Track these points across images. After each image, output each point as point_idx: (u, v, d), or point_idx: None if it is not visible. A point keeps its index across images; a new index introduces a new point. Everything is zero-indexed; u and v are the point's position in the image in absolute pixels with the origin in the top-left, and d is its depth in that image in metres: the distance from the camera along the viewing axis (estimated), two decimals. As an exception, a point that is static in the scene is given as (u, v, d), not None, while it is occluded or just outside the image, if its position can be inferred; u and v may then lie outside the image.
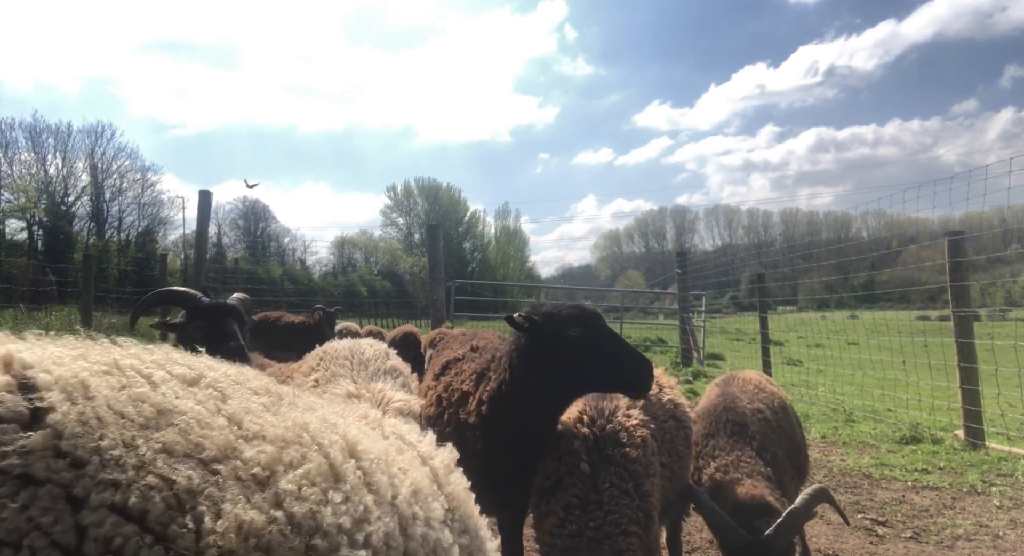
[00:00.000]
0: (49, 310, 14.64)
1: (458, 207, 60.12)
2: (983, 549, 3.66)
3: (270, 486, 0.84)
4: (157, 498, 0.75)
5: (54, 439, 0.74)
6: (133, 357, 0.94)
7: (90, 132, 37.94)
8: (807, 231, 76.12)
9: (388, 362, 3.00)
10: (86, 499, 0.72)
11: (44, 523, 0.69)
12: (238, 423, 0.89)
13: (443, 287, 11.17)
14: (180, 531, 0.74)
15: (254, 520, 0.79)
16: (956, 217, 19.51)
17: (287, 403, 1.05)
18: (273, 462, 0.86)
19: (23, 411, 0.75)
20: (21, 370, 0.80)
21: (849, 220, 74.10)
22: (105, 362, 0.89)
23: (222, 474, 0.81)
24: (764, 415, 3.08)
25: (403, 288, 41.13)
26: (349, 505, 0.89)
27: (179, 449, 0.80)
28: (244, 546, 0.77)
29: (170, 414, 0.83)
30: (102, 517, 0.72)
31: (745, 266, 33.29)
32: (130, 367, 0.90)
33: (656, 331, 19.30)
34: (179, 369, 0.96)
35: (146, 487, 0.75)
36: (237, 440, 0.86)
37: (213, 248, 39.40)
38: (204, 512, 0.77)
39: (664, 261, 72.39)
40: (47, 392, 0.78)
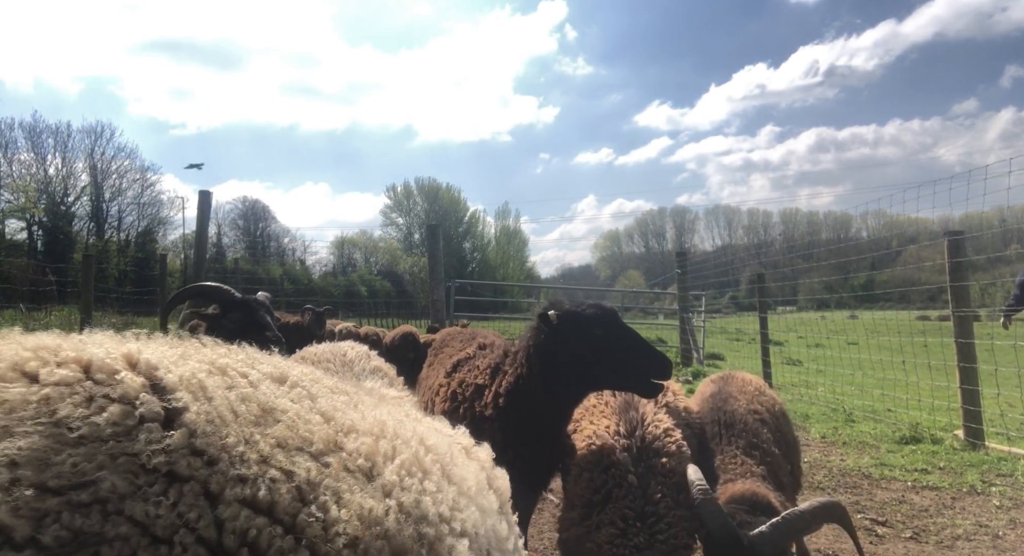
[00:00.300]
0: (49, 310, 14.65)
1: (458, 207, 60.14)
2: (983, 549, 3.66)
3: (375, 477, 0.87)
4: (283, 490, 0.78)
5: (190, 438, 0.77)
6: (226, 356, 0.98)
7: (90, 132, 38.04)
8: (807, 231, 76.12)
9: (371, 362, 3.01)
10: (221, 494, 0.75)
11: (191, 519, 0.72)
12: (331, 419, 0.93)
13: (443, 287, 11.17)
14: (308, 521, 0.77)
15: (374, 509, 0.82)
16: (956, 217, 19.46)
17: (359, 401, 1.09)
18: (372, 453, 0.90)
19: (160, 411, 0.78)
20: (149, 370, 0.83)
21: (849, 220, 74.20)
22: (207, 361, 0.93)
23: (333, 466, 0.84)
24: (762, 417, 3.02)
25: (403, 288, 41.14)
26: (441, 495, 0.93)
27: (291, 443, 0.84)
28: (369, 534, 0.80)
29: (274, 412, 0.87)
30: (236, 511, 0.74)
31: (745, 266, 33.29)
32: (228, 366, 0.94)
33: (656, 331, 19.30)
34: (266, 368, 1.00)
35: (271, 480, 0.78)
36: (337, 434, 0.90)
37: (213, 248, 39.41)
38: (327, 502, 0.80)
39: (664, 261, 72.41)
40: (178, 392, 0.81)
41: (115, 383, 0.78)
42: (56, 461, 0.68)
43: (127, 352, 0.84)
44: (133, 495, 0.70)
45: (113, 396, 0.76)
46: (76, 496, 0.67)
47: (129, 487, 0.70)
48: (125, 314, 16.12)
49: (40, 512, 0.65)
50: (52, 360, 0.78)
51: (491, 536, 1.01)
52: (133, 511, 0.69)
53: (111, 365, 0.80)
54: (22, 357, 0.78)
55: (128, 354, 0.84)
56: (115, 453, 0.71)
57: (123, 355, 0.83)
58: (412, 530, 0.85)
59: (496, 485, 1.15)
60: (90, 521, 0.66)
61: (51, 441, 0.69)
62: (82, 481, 0.68)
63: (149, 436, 0.74)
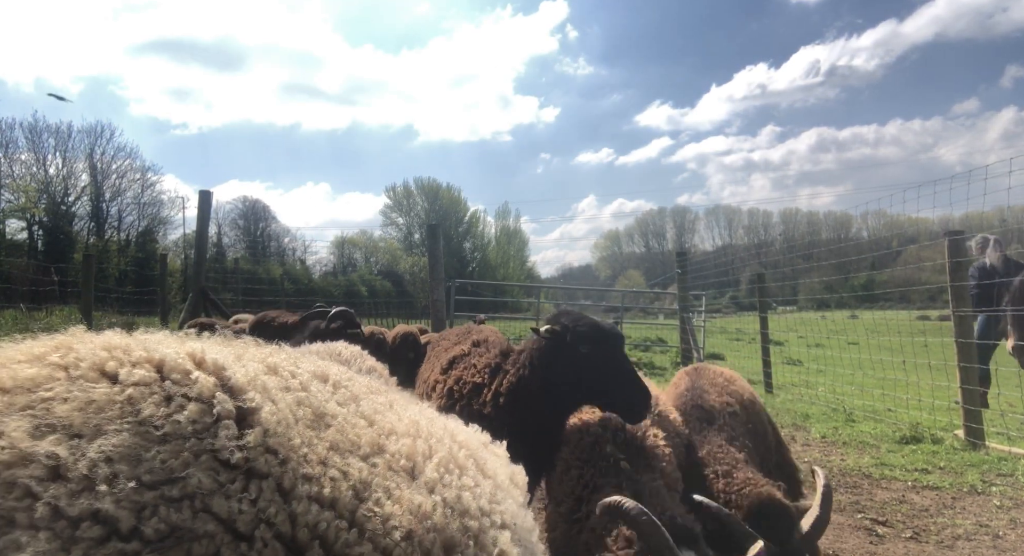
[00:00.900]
0: (49, 310, 14.64)
1: (458, 207, 60.12)
2: (983, 549, 3.67)
3: (418, 475, 0.92)
4: (343, 487, 0.82)
5: (265, 436, 0.80)
6: (273, 355, 1.02)
7: (90, 132, 37.99)
8: (807, 231, 76.09)
9: (366, 362, 3.05)
10: (293, 490, 0.78)
11: (270, 514, 0.75)
12: (374, 422, 0.97)
13: (443, 287, 11.17)
14: (368, 515, 0.81)
15: (423, 504, 0.86)
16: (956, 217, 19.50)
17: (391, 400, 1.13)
18: (412, 453, 0.94)
19: (233, 410, 0.81)
20: (218, 370, 0.86)
21: (849, 220, 74.17)
22: (260, 360, 0.97)
23: (380, 466, 0.89)
24: (735, 408, 3.07)
25: (403, 288, 41.11)
26: (479, 489, 0.97)
27: (343, 446, 0.88)
28: (422, 527, 0.84)
29: (325, 417, 0.91)
30: (307, 506, 0.78)
31: (745, 266, 33.29)
32: (279, 366, 0.98)
33: (656, 331, 19.31)
34: (309, 366, 1.04)
35: (331, 479, 0.82)
36: (379, 437, 0.94)
37: (213, 248, 39.38)
38: (381, 498, 0.84)
39: (664, 261, 72.40)
40: (249, 393, 0.84)
41: (190, 383, 0.81)
42: (147, 457, 0.70)
43: (192, 351, 0.87)
44: (217, 491, 0.73)
45: (191, 395, 0.79)
46: (168, 491, 0.69)
47: (213, 483, 0.73)
48: (125, 314, 16.13)
49: (139, 505, 0.67)
50: (127, 360, 0.81)
51: (524, 528, 1.05)
52: (219, 508, 0.72)
53: (183, 365, 0.83)
54: (100, 357, 0.80)
55: (192, 353, 0.87)
56: (198, 450, 0.74)
57: (189, 354, 0.86)
58: (458, 523, 0.88)
59: (517, 479, 1.19)
60: (183, 516, 0.69)
61: (139, 439, 0.71)
62: (172, 477, 0.70)
63: (228, 433, 0.77)
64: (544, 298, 35.77)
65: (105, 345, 0.83)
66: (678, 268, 12.96)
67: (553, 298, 50.56)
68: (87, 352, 0.80)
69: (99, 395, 0.74)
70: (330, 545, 0.77)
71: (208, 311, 12.52)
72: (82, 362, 0.78)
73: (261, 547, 0.73)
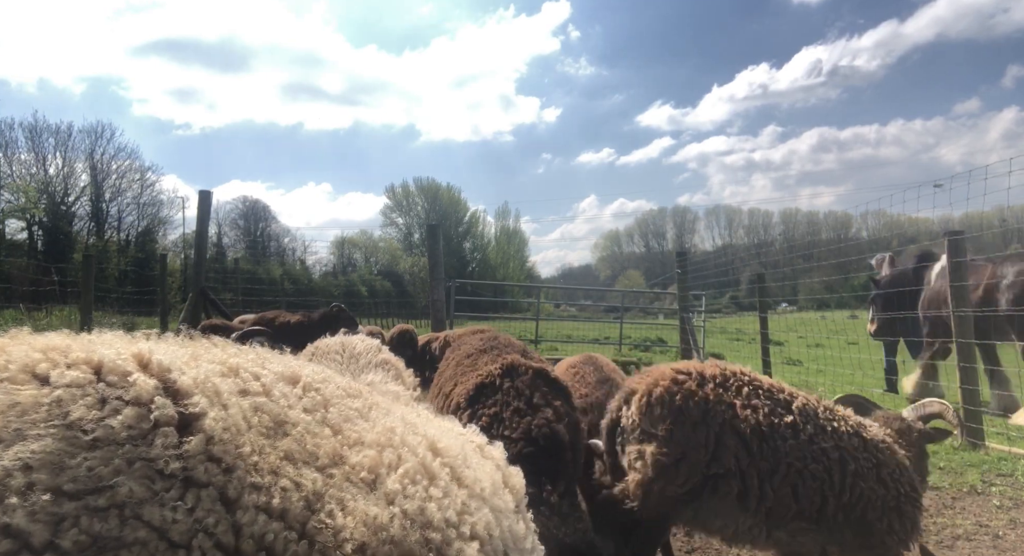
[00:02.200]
0: (49, 310, 14.66)
1: (458, 207, 60.16)
2: (983, 549, 3.66)
3: (378, 487, 0.90)
4: (294, 498, 0.80)
5: (208, 444, 0.78)
6: (237, 356, 0.99)
7: (90, 132, 38.02)
8: (807, 231, 76.09)
9: (379, 355, 3.01)
10: (238, 500, 0.76)
11: (209, 524, 0.73)
12: (340, 431, 0.95)
13: (443, 287, 11.18)
14: (319, 527, 0.80)
15: (379, 515, 0.85)
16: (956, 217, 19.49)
17: (370, 404, 1.11)
18: (376, 465, 0.93)
19: (174, 415, 0.78)
20: (162, 372, 0.83)
21: (849, 220, 74.15)
22: (219, 361, 0.93)
23: (336, 477, 0.87)
24: None
25: (403, 288, 41.12)
26: (448, 500, 0.95)
27: (298, 457, 0.86)
28: (376, 539, 0.82)
29: (284, 425, 0.89)
30: (254, 516, 0.76)
31: (745, 266, 33.29)
32: (240, 367, 0.94)
33: (656, 331, 19.31)
34: (278, 368, 1.02)
35: (282, 489, 0.80)
36: (342, 448, 0.92)
37: (213, 248, 39.40)
38: (334, 510, 0.82)
39: (664, 261, 72.41)
40: (194, 397, 0.81)
41: (127, 385, 0.77)
42: (71, 465, 0.67)
43: (137, 352, 0.83)
44: (150, 500, 0.70)
45: (126, 398, 0.76)
46: (93, 501, 0.66)
47: (146, 492, 0.70)
48: (125, 314, 16.15)
49: (57, 517, 0.64)
50: (62, 361, 0.77)
51: (507, 536, 1.03)
52: (151, 516, 0.69)
53: (122, 366, 0.80)
54: (32, 359, 0.77)
55: (139, 354, 0.83)
56: (131, 457, 0.71)
57: (134, 356, 0.83)
58: (418, 535, 0.87)
59: (511, 483, 1.17)
60: (108, 526, 0.66)
61: (65, 444, 0.68)
62: (99, 486, 0.67)
63: (165, 441, 0.74)
64: (544, 298, 35.80)
65: (43, 346, 0.80)
66: (678, 268, 12.95)
67: (553, 298, 50.53)
68: (20, 354, 0.77)
69: (25, 397, 0.71)
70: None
71: (208, 311, 12.51)
72: (12, 364, 0.75)
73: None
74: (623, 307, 22.21)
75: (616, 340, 16.77)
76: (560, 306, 47.05)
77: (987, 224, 20.54)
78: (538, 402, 2.59)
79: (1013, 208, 26.35)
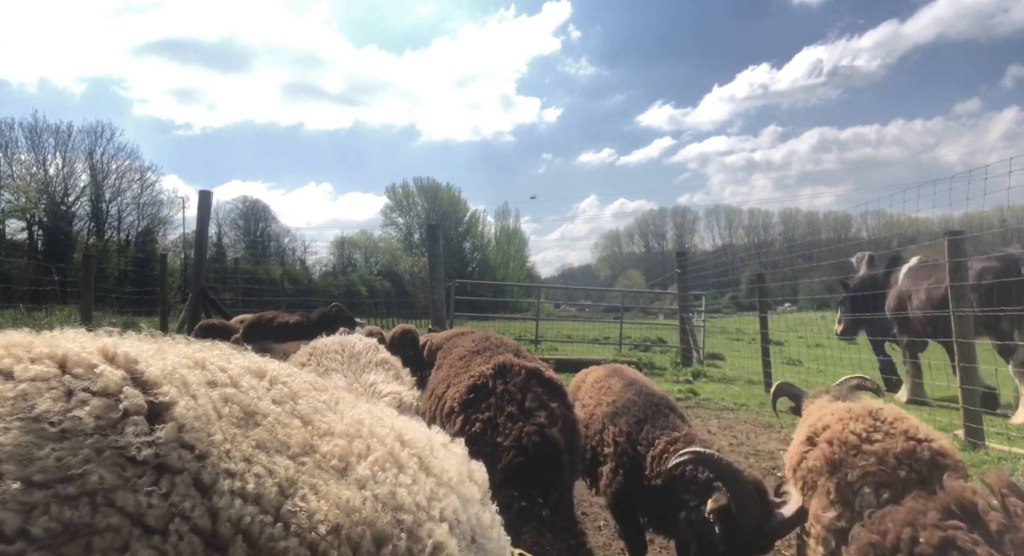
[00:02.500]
0: (49, 310, 14.65)
1: (458, 207, 60.16)
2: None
3: (349, 473, 0.93)
4: (268, 483, 0.82)
5: (180, 432, 0.79)
6: (203, 351, 1.01)
7: (90, 132, 38.01)
8: (807, 231, 76.06)
9: (379, 355, 3.00)
10: (214, 485, 0.78)
11: (185, 508, 0.74)
12: (310, 422, 0.98)
13: (443, 287, 11.18)
14: (293, 510, 0.82)
15: (351, 498, 0.88)
16: (956, 217, 19.49)
17: (337, 398, 1.13)
18: (346, 454, 0.95)
19: (144, 405, 0.79)
20: (129, 364, 0.84)
21: (849, 220, 74.13)
22: (185, 355, 0.95)
23: (308, 465, 0.90)
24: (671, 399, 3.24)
25: (403, 288, 41.10)
26: (417, 486, 0.99)
27: (270, 445, 0.88)
28: (349, 520, 0.85)
29: (255, 415, 0.91)
30: (230, 501, 0.78)
31: (745, 266, 33.30)
32: (207, 361, 0.97)
33: (656, 331, 19.30)
34: (244, 362, 1.04)
35: (256, 475, 0.82)
36: (312, 437, 0.95)
37: (213, 248, 39.40)
38: (307, 494, 0.85)
39: (664, 261, 72.40)
40: (163, 386, 0.83)
41: (94, 377, 0.78)
42: (39, 456, 0.68)
43: (103, 346, 0.85)
44: (123, 487, 0.71)
45: (93, 389, 0.77)
46: (63, 489, 0.68)
47: (118, 479, 0.71)
48: (125, 314, 16.15)
49: (28, 505, 0.66)
50: (25, 357, 0.78)
51: (474, 523, 1.07)
52: (124, 502, 0.70)
53: (88, 359, 0.81)
54: None
55: (104, 348, 0.84)
56: (100, 447, 0.72)
57: (99, 349, 0.84)
58: (390, 517, 0.90)
59: (476, 477, 1.21)
60: (79, 513, 0.67)
61: (32, 436, 0.69)
62: (68, 475, 0.69)
63: (136, 429, 0.76)
64: (544, 298, 35.81)
65: (4, 343, 0.80)
66: (678, 268, 12.96)
67: (553, 298, 50.53)
68: None
69: None
70: (254, 540, 0.78)
71: (208, 311, 12.51)
72: None
73: (176, 540, 0.72)
74: (623, 307, 22.20)
75: (616, 340, 16.76)
76: (560, 306, 47.06)
77: (987, 224, 20.54)
78: (530, 406, 2.53)
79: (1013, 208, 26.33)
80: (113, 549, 0.68)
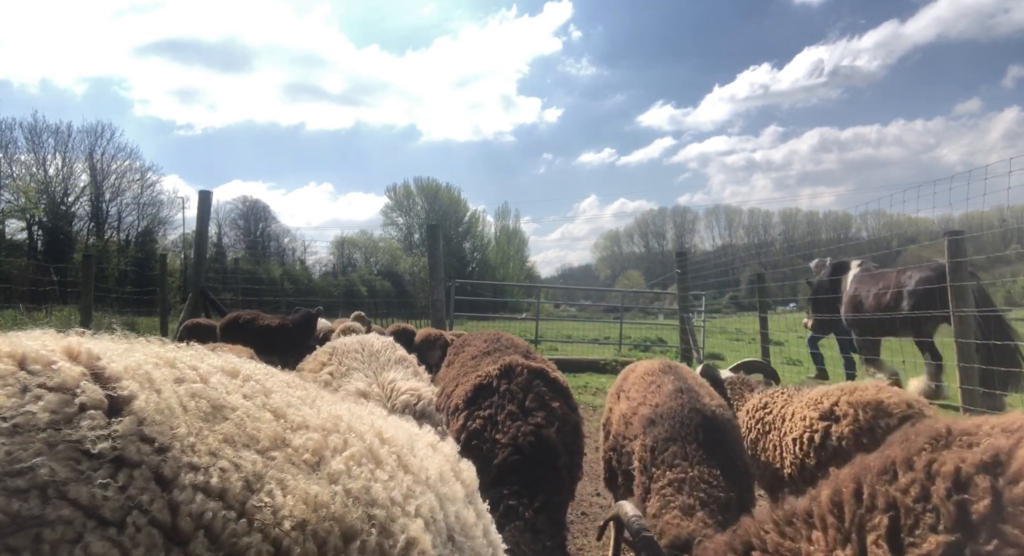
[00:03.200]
0: (49, 310, 14.66)
1: (458, 207, 60.20)
2: (983, 549, 3.65)
3: (322, 468, 0.93)
4: (233, 478, 0.82)
5: (139, 425, 0.79)
6: (175, 351, 1.01)
7: (90, 132, 38.03)
8: (807, 231, 76.08)
9: (396, 352, 3.15)
10: (175, 479, 0.78)
11: (143, 501, 0.74)
12: (282, 416, 0.97)
13: (443, 287, 11.17)
14: (258, 505, 0.82)
15: (320, 493, 0.87)
16: (956, 217, 19.49)
17: (315, 395, 1.14)
18: (320, 448, 0.95)
19: (102, 399, 0.79)
20: (90, 360, 0.85)
21: (848, 220, 74.14)
22: (154, 354, 0.96)
23: (278, 459, 0.89)
24: (729, 415, 2.61)
25: (403, 288, 41.13)
26: (394, 482, 0.99)
27: (238, 440, 0.88)
28: (316, 516, 0.85)
29: (223, 409, 0.91)
30: (191, 495, 0.78)
31: (745, 266, 33.32)
32: (177, 360, 0.97)
33: (656, 331, 19.30)
34: (217, 362, 1.04)
35: (221, 470, 0.82)
36: (285, 431, 0.95)
37: (213, 248, 39.40)
38: (274, 489, 0.84)
39: (664, 261, 72.43)
40: (123, 381, 0.83)
41: (51, 373, 0.79)
42: None
43: (67, 345, 0.86)
44: (75, 480, 0.71)
45: (50, 385, 0.78)
46: (12, 482, 0.68)
47: (71, 472, 0.72)
48: (125, 314, 16.15)
49: None
50: None
51: (453, 522, 1.07)
52: (77, 495, 0.71)
53: (47, 356, 0.82)
54: None
55: (68, 347, 0.85)
56: (53, 441, 0.72)
57: (63, 348, 0.85)
58: (361, 512, 0.90)
59: (462, 477, 1.22)
60: (28, 505, 0.68)
61: None
62: (16, 468, 0.69)
63: (92, 423, 0.76)
64: (544, 298, 35.80)
65: None
66: (678, 268, 12.95)
67: (553, 298, 50.52)
68: None
69: None
70: (216, 535, 0.77)
71: (208, 311, 12.51)
72: None
73: (134, 532, 0.72)
74: (623, 307, 22.21)
75: (616, 340, 16.76)
76: (560, 306, 47.09)
77: (987, 224, 20.56)
78: (530, 405, 2.55)
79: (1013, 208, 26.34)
80: (64, 540, 0.68)
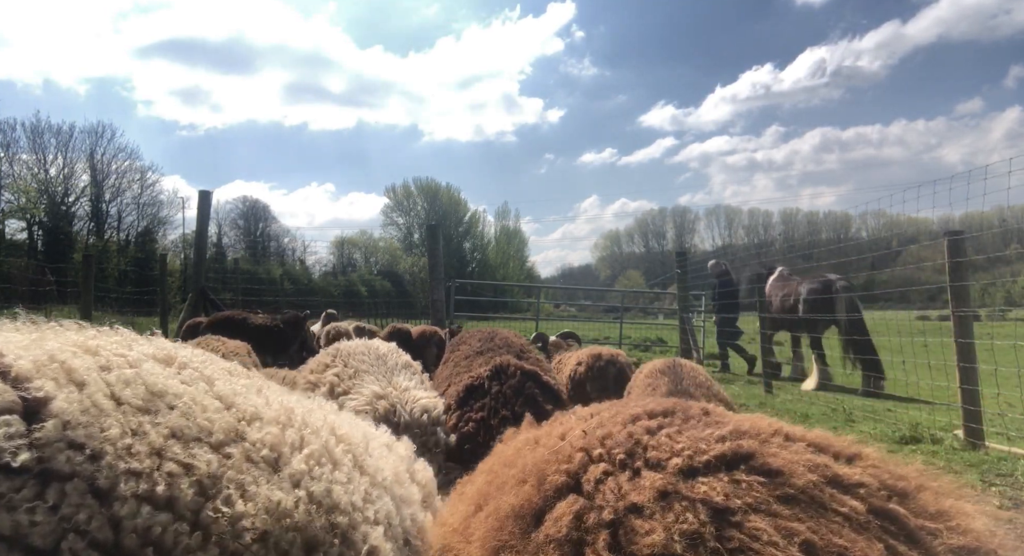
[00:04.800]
0: (49, 310, 14.66)
1: (458, 207, 60.21)
2: (983, 549, 3.66)
3: (282, 467, 0.81)
4: (184, 484, 0.70)
5: (64, 430, 0.66)
6: (96, 338, 0.87)
7: (91, 132, 38.05)
8: (807, 231, 76.07)
9: (402, 357, 3.07)
10: (113, 490, 0.65)
11: (80, 521, 0.62)
12: (232, 405, 0.84)
13: (443, 287, 11.17)
14: (214, 516, 0.70)
15: (283, 501, 0.76)
16: (956, 217, 19.48)
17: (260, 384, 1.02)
18: (278, 444, 0.84)
19: (16, 400, 0.66)
20: None
21: (848, 220, 74.13)
22: (72, 343, 0.81)
23: (235, 457, 0.77)
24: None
25: (403, 288, 41.13)
26: (352, 485, 0.89)
27: (188, 433, 0.75)
28: (279, 526, 0.74)
29: (165, 396, 0.77)
30: (134, 508, 0.66)
31: (745, 266, 33.26)
32: (101, 347, 0.82)
33: (656, 331, 19.30)
34: (147, 348, 0.90)
35: (168, 474, 0.69)
36: (239, 422, 0.82)
37: (213, 248, 39.39)
38: (232, 496, 0.72)
39: (664, 261, 72.38)
40: (36, 380, 0.69)
41: None
42: None
43: None
44: None
45: None
46: None
47: None
48: (125, 314, 16.14)
49: None
50: None
51: (409, 525, 0.99)
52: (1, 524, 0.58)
53: None
54: None
55: None
56: None
57: None
58: (324, 520, 0.80)
59: (419, 478, 1.14)
60: None
61: None
62: None
63: (9, 431, 0.63)
64: (544, 298, 35.82)
65: None
66: (678, 268, 12.95)
67: (553, 298, 50.52)
68: None
69: None
70: (167, 551, 0.66)
71: (208, 311, 12.51)
72: None
73: None
74: (623, 307, 22.21)
75: (616, 340, 16.75)
76: (560, 306, 47.05)
77: (987, 224, 20.54)
78: (519, 411, 2.53)
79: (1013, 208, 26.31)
80: None
